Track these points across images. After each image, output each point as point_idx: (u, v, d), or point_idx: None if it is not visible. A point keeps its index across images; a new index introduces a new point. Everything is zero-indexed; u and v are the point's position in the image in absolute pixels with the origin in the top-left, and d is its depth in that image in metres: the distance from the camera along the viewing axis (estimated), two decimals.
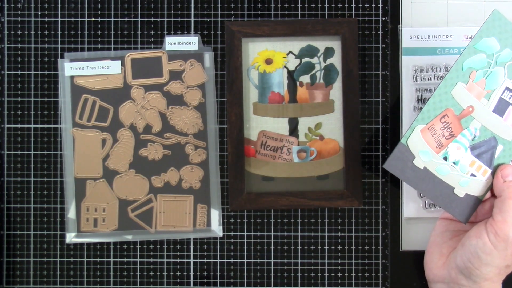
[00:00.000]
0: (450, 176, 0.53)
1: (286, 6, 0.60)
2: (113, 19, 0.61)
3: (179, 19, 0.61)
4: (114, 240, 0.61)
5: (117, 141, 0.61)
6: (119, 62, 0.60)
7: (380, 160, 0.60)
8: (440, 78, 0.60)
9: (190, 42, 0.60)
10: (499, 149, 0.53)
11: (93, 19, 0.61)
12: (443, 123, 0.52)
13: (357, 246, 0.61)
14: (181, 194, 0.61)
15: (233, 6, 0.61)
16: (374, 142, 0.60)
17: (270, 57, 0.60)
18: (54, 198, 0.61)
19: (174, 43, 0.60)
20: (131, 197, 0.61)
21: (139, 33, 0.61)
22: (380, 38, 0.60)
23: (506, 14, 0.60)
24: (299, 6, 0.60)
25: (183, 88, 0.61)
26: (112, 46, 0.61)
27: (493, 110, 0.52)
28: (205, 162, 0.61)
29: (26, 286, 0.61)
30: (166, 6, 0.61)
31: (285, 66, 0.60)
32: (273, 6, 0.61)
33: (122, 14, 0.61)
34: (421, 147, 0.53)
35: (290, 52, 0.60)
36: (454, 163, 0.53)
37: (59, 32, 0.61)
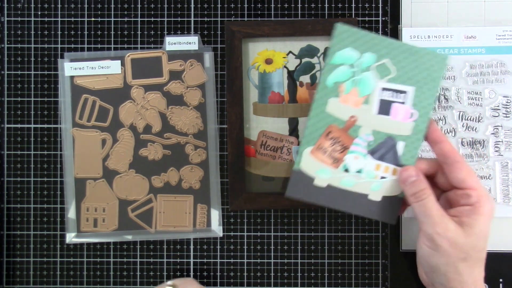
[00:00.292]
0: (358, 185, 0.53)
1: (286, 6, 0.60)
2: (113, 19, 0.61)
3: (179, 19, 0.61)
4: (114, 240, 0.61)
5: (117, 141, 0.61)
6: (119, 62, 0.60)
7: None
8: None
9: (190, 42, 0.60)
10: (401, 145, 0.53)
11: (93, 19, 0.61)
12: (331, 139, 0.53)
13: (357, 246, 0.61)
14: (181, 194, 0.61)
15: (233, 6, 0.61)
16: None
17: (270, 57, 0.60)
18: (54, 198, 0.61)
19: (174, 43, 0.60)
20: (131, 197, 0.61)
21: (139, 33, 0.61)
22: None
23: (506, 14, 0.60)
24: (299, 6, 0.60)
25: (183, 88, 0.61)
26: (112, 46, 0.61)
27: (377, 113, 0.52)
28: (205, 162, 0.61)
29: (26, 286, 0.61)
30: (166, 6, 0.61)
31: (285, 66, 0.60)
32: (273, 6, 0.61)
33: (122, 14, 0.61)
34: (316, 168, 0.53)
35: (290, 52, 0.60)
36: (358, 172, 0.53)
37: (59, 32, 0.61)
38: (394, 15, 0.60)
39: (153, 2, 0.61)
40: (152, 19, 0.61)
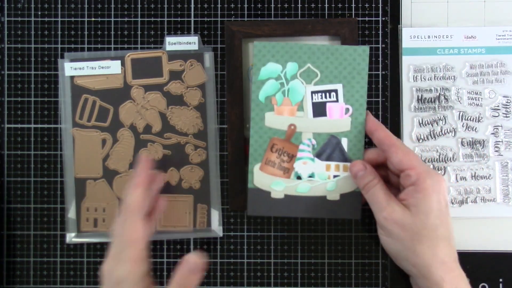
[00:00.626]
0: (314, 188, 0.55)
1: (286, 6, 0.60)
2: (113, 19, 0.61)
3: (179, 19, 0.61)
4: None
5: (117, 141, 0.61)
6: (119, 62, 0.60)
7: None
8: (440, 78, 0.60)
9: (190, 42, 0.60)
10: (345, 142, 0.55)
11: (93, 19, 0.61)
12: (276, 152, 0.55)
13: (357, 246, 0.61)
14: (181, 194, 0.61)
15: (233, 6, 0.61)
16: None
17: None
18: (54, 198, 0.61)
19: (174, 43, 0.60)
20: None
21: (139, 33, 0.61)
22: (380, 38, 0.60)
23: (506, 14, 0.60)
24: (299, 6, 0.60)
25: (183, 88, 0.61)
26: (112, 46, 0.61)
27: (313, 116, 0.55)
28: (205, 162, 0.61)
29: (26, 286, 0.61)
30: (166, 6, 0.61)
31: None
32: (273, 6, 0.61)
33: (122, 14, 0.61)
34: (270, 181, 0.55)
35: None
36: (310, 177, 0.55)
37: (59, 32, 0.61)
38: (394, 15, 0.60)
39: (153, 2, 0.61)
40: (152, 19, 0.61)
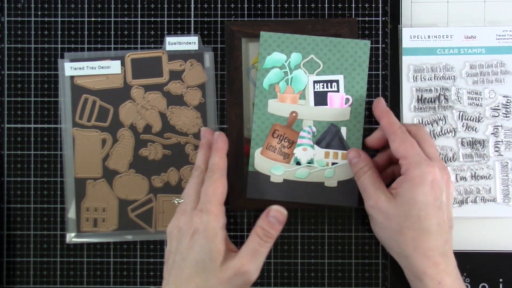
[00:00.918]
0: (312, 174, 0.57)
1: (286, 6, 0.60)
2: (113, 19, 0.61)
3: (179, 19, 0.61)
4: (114, 240, 0.61)
5: (117, 141, 0.61)
6: (119, 62, 0.60)
7: None
8: (440, 78, 0.60)
9: (190, 42, 0.60)
10: (344, 130, 0.57)
11: (93, 19, 0.61)
12: (277, 137, 0.57)
13: (357, 246, 0.61)
14: (181, 194, 0.61)
15: (233, 6, 0.61)
16: None
17: None
18: (54, 198, 0.61)
19: (174, 43, 0.60)
20: (131, 197, 0.61)
21: (139, 33, 0.61)
22: (380, 38, 0.60)
23: (506, 14, 0.60)
24: (299, 6, 0.60)
25: (183, 88, 0.61)
26: (112, 46, 0.61)
27: (314, 105, 0.57)
28: None
29: (26, 286, 0.61)
30: (166, 6, 0.61)
31: None
32: (273, 6, 0.61)
33: (122, 14, 0.61)
34: (270, 166, 0.57)
35: None
36: (309, 163, 0.57)
37: (59, 32, 0.61)
38: (394, 15, 0.60)
39: (153, 2, 0.61)
40: (152, 19, 0.61)
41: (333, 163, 0.57)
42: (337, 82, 0.57)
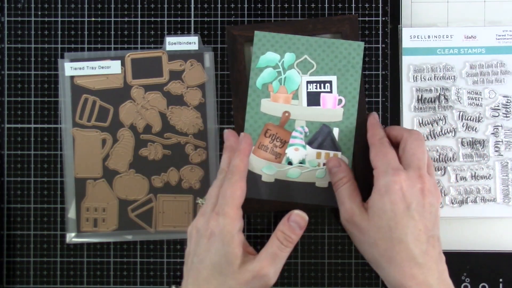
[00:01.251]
0: (304, 174, 0.57)
1: (286, 6, 0.60)
2: (113, 19, 0.61)
3: (179, 19, 0.61)
4: (114, 240, 0.61)
5: (117, 141, 0.61)
6: (119, 62, 0.60)
7: None
8: (440, 78, 0.60)
9: (190, 42, 0.60)
10: (336, 131, 0.57)
11: (93, 19, 0.61)
12: (269, 137, 0.56)
13: None
14: (181, 194, 0.61)
15: (233, 6, 0.61)
16: None
17: None
18: (54, 198, 0.61)
19: (174, 43, 0.60)
20: (131, 197, 0.61)
21: (139, 33, 0.61)
22: (380, 38, 0.60)
23: (506, 14, 0.60)
24: (299, 6, 0.60)
25: (183, 88, 0.61)
26: (112, 46, 0.61)
27: (307, 105, 0.57)
28: (205, 162, 0.61)
29: (26, 286, 0.61)
30: (166, 6, 0.61)
31: None
32: (273, 6, 0.61)
33: (122, 14, 0.61)
34: (261, 165, 0.57)
35: None
36: (301, 163, 0.57)
37: (59, 32, 0.61)
38: (394, 15, 0.60)
39: (153, 2, 0.61)
40: (152, 19, 0.61)
41: (324, 164, 0.57)
42: (330, 82, 0.57)
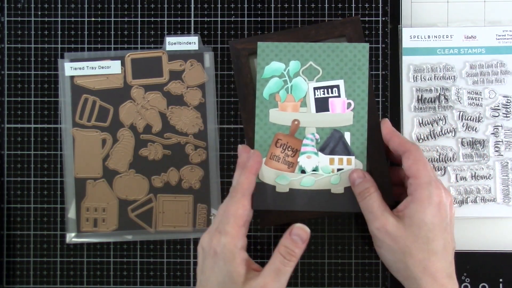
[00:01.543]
0: (318, 182, 0.56)
1: (286, 6, 0.60)
2: (113, 19, 0.61)
3: (179, 19, 0.61)
4: (114, 240, 0.61)
5: (117, 141, 0.61)
6: (119, 62, 0.60)
7: None
8: (440, 78, 0.60)
9: (190, 42, 0.60)
10: (348, 136, 0.56)
11: (93, 19, 0.61)
12: (281, 147, 0.56)
13: (357, 246, 0.61)
14: (181, 194, 0.61)
15: (233, 6, 0.61)
16: None
17: None
18: (54, 198, 0.61)
19: (174, 43, 0.60)
20: (131, 197, 0.61)
21: (139, 33, 0.61)
22: (380, 38, 0.60)
23: (506, 14, 0.60)
24: (299, 6, 0.60)
25: (183, 88, 0.61)
26: (112, 46, 0.61)
27: (316, 111, 0.56)
28: (205, 162, 0.61)
29: (26, 286, 0.61)
30: (166, 6, 0.61)
31: None
32: (273, 6, 0.61)
33: (122, 14, 0.61)
34: (274, 176, 0.56)
35: None
36: (314, 171, 0.56)
37: (59, 32, 0.61)
38: (394, 15, 0.60)
39: (153, 2, 0.61)
40: (152, 19, 0.61)
41: (338, 169, 0.56)
42: (337, 87, 0.56)
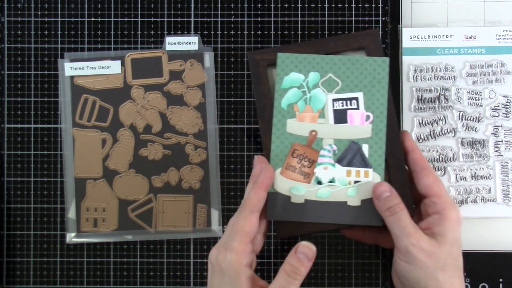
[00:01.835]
0: (334, 194, 0.55)
1: (286, 6, 0.60)
2: (113, 19, 0.61)
3: (179, 19, 0.61)
4: (114, 240, 0.61)
5: (117, 141, 0.61)
6: (119, 62, 0.60)
7: None
8: (440, 78, 0.60)
9: (190, 42, 0.60)
10: (366, 148, 0.55)
11: (93, 19, 0.61)
12: (297, 157, 0.55)
13: (357, 246, 0.61)
14: (181, 194, 0.61)
15: (233, 6, 0.61)
16: None
17: None
18: (54, 198, 0.61)
19: (174, 43, 0.60)
20: (131, 197, 0.61)
21: (139, 33, 0.61)
22: (380, 38, 0.60)
23: (506, 14, 0.60)
24: (299, 6, 0.60)
25: (183, 88, 0.61)
26: (112, 46, 0.61)
27: (334, 123, 0.55)
28: (205, 162, 0.61)
29: (26, 286, 0.61)
30: (166, 6, 0.61)
31: None
32: (273, 6, 0.61)
33: (122, 14, 0.61)
34: (290, 186, 0.55)
35: None
36: (330, 182, 0.55)
37: (59, 32, 0.61)
38: (394, 15, 0.60)
39: (153, 2, 0.61)
40: (152, 19, 0.61)
41: (355, 182, 0.55)
42: (356, 99, 0.55)
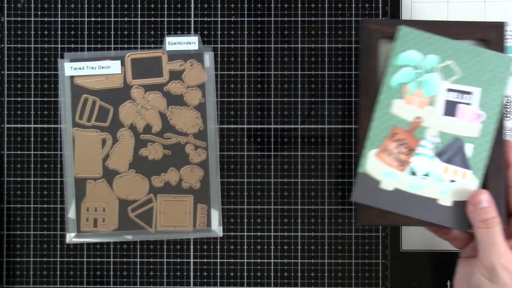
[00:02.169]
0: (427, 189, 0.51)
1: (286, 6, 0.60)
2: (113, 19, 0.61)
3: (179, 19, 0.61)
4: (114, 240, 0.61)
5: (117, 141, 0.61)
6: (119, 62, 0.60)
7: None
8: None
9: (190, 42, 0.60)
10: (469, 147, 0.51)
11: (93, 19, 0.61)
12: (396, 141, 0.51)
13: (357, 246, 0.61)
14: (181, 194, 0.61)
15: (233, 6, 0.61)
16: None
17: None
18: (54, 198, 0.61)
19: (174, 43, 0.60)
20: (131, 197, 0.61)
21: (139, 33, 0.61)
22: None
23: (506, 14, 0.60)
24: (299, 6, 0.60)
25: (183, 88, 0.61)
26: (112, 46, 0.61)
27: (443, 114, 0.51)
28: (205, 162, 0.61)
29: (26, 286, 0.61)
30: (166, 6, 0.61)
31: None
32: (273, 6, 0.61)
33: (122, 14, 0.61)
34: (382, 170, 0.51)
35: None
36: (425, 175, 0.51)
37: (59, 32, 0.61)
38: (394, 15, 0.60)
39: (153, 2, 0.61)
40: (152, 19, 0.61)
41: (451, 181, 0.51)
42: (471, 94, 0.51)
